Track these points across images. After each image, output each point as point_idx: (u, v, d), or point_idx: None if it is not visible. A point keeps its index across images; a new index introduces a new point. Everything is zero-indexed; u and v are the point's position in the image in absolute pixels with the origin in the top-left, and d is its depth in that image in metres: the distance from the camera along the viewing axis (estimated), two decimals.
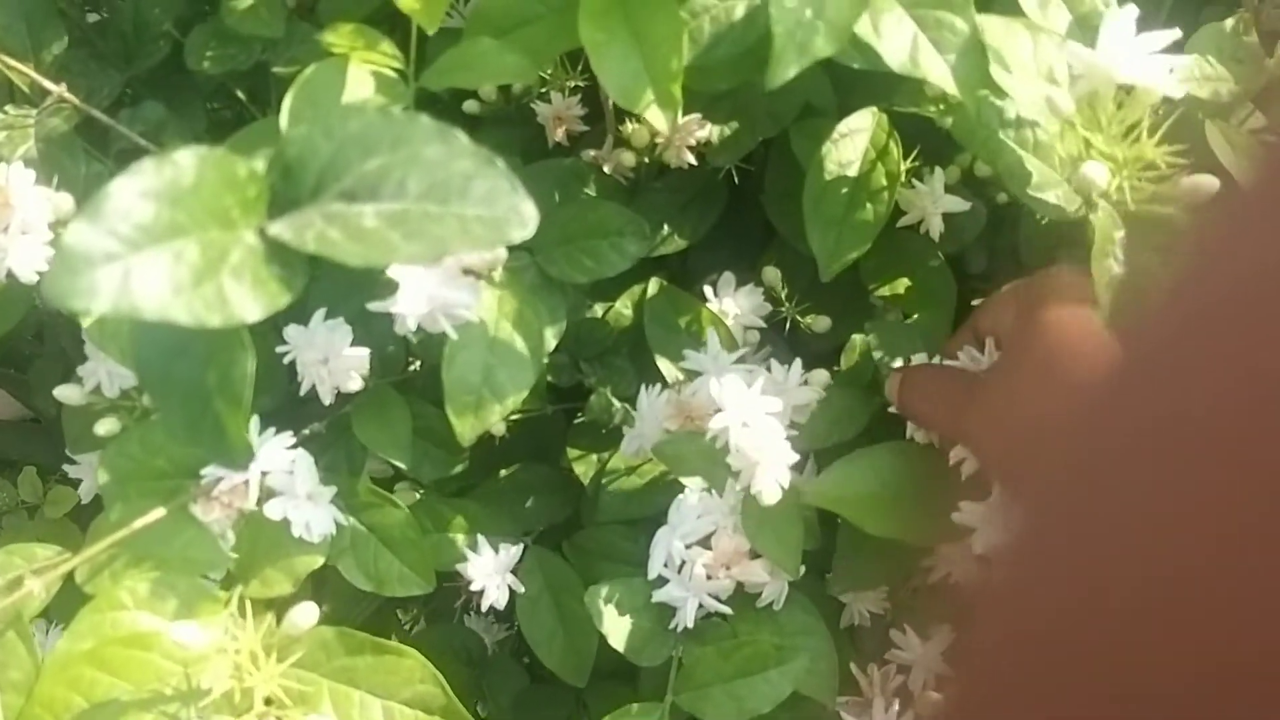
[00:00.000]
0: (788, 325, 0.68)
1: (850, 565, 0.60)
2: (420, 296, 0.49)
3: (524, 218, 0.35)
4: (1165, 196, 0.43)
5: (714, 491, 0.58)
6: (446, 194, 0.35)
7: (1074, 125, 0.44)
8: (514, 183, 0.35)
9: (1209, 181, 0.42)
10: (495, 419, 0.53)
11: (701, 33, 0.51)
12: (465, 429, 0.53)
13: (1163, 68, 0.42)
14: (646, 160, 0.64)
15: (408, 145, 0.36)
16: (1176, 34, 0.43)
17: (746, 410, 0.55)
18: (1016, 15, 0.50)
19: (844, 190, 0.60)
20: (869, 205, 0.60)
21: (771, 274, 0.67)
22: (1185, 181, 0.42)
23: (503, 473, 0.71)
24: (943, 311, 0.65)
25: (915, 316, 0.65)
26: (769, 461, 0.54)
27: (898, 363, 0.60)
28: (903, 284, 0.66)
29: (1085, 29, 0.57)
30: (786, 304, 0.68)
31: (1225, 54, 0.55)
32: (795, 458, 0.55)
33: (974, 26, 0.47)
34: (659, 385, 0.62)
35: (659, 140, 0.63)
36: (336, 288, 0.56)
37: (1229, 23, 0.56)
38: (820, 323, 0.67)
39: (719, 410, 0.55)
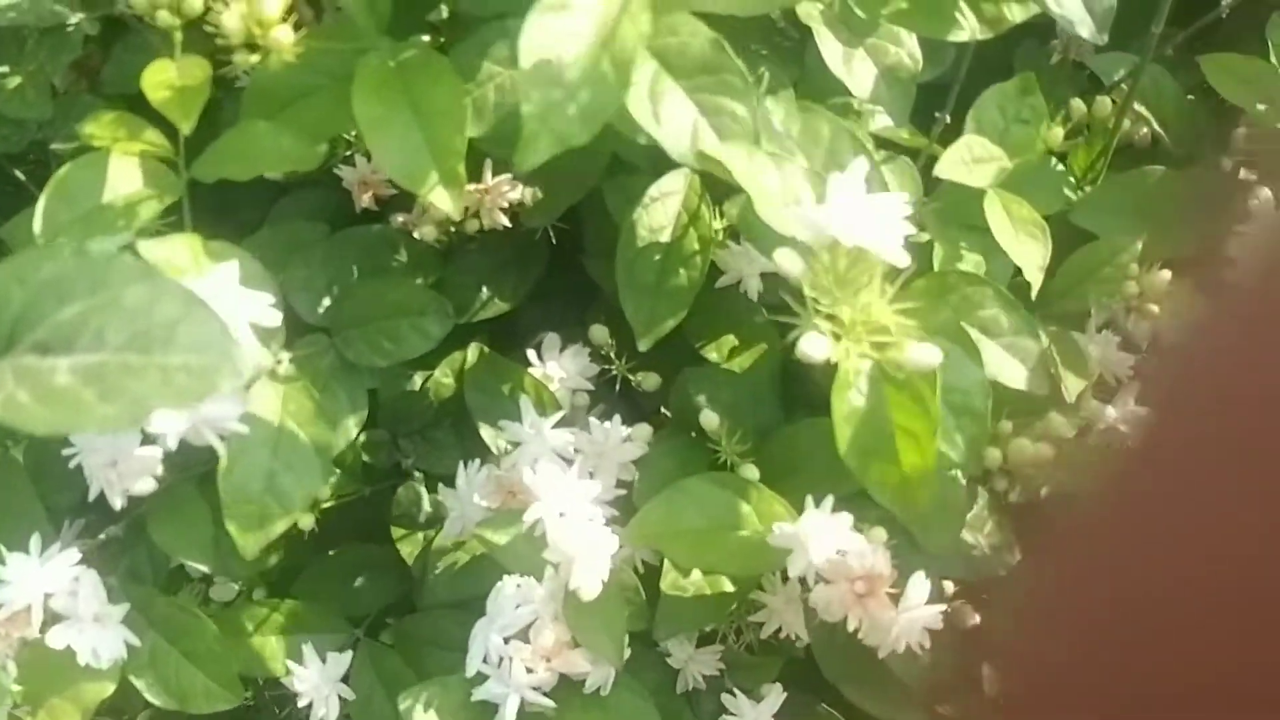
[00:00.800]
0: (619, 384, 0.66)
1: (674, 609, 0.58)
2: (179, 414, 0.45)
3: (236, 365, 0.32)
4: (893, 363, 0.41)
5: (533, 578, 0.56)
6: (149, 343, 0.32)
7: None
8: (224, 326, 0.32)
9: (931, 354, 0.40)
10: (282, 529, 0.50)
11: (486, 102, 0.48)
12: (248, 542, 0.50)
13: (893, 233, 0.40)
14: (453, 227, 0.61)
15: (107, 289, 0.32)
16: (904, 200, 0.41)
17: (563, 499, 0.53)
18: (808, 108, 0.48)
19: (656, 257, 0.58)
20: (683, 271, 0.58)
21: (599, 332, 0.65)
22: (911, 349, 0.40)
23: (330, 553, 0.67)
24: (768, 363, 0.63)
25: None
26: (587, 555, 0.52)
27: None
28: (728, 342, 0.64)
29: (891, 83, 0.56)
30: (616, 362, 0.65)
31: (1010, 117, 0.54)
32: (615, 547, 0.52)
33: (756, 117, 0.45)
34: (478, 461, 0.59)
35: (468, 206, 0.60)
36: None
37: (1013, 83, 0.54)
38: (649, 380, 0.65)
39: (535, 500, 0.53)
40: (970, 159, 0.52)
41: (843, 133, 0.51)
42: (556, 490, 0.53)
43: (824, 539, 0.49)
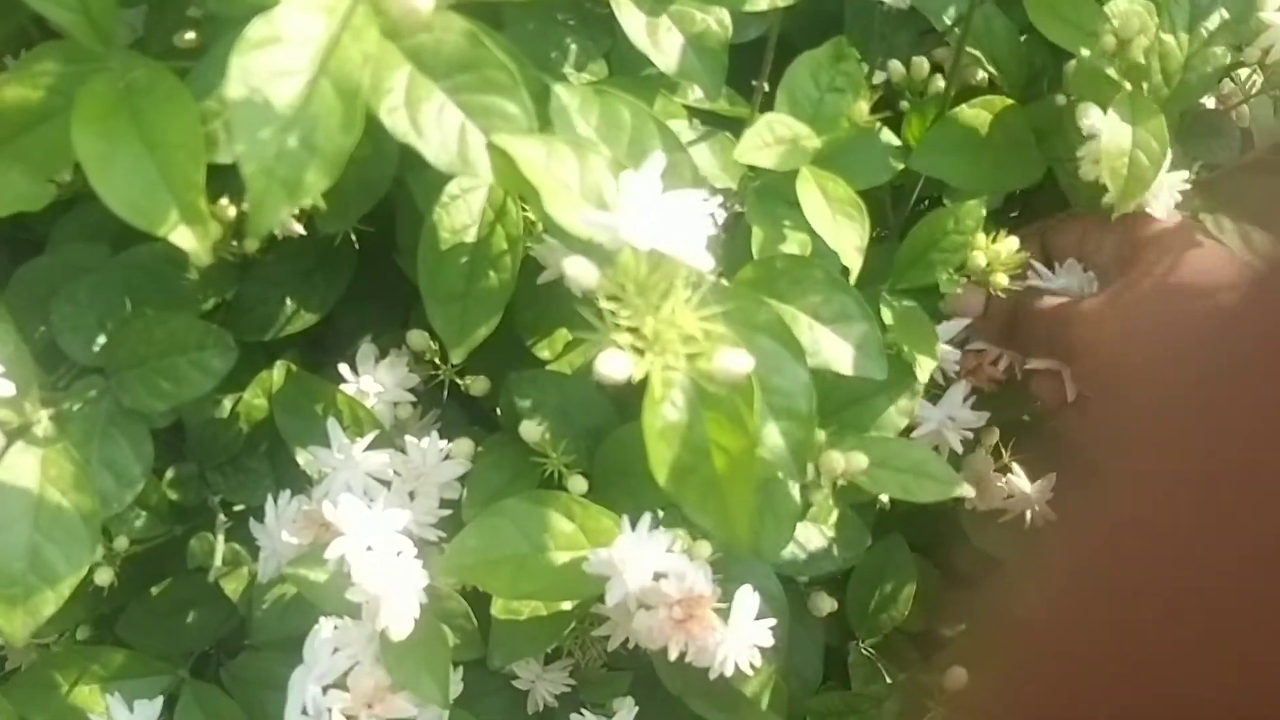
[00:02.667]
0: (446, 389, 0.62)
1: (508, 634, 0.55)
2: None
3: None
4: (703, 375, 0.37)
5: (352, 618, 0.52)
6: None
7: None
8: None
9: (742, 360, 0.36)
10: (52, 608, 0.45)
11: (218, 138, 0.43)
12: (15, 628, 0.45)
13: (694, 234, 0.36)
14: (236, 241, 0.55)
15: None
16: (704, 196, 0.37)
17: (368, 533, 0.49)
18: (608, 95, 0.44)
19: (463, 259, 0.53)
20: (493, 273, 0.53)
21: (418, 338, 0.60)
22: (719, 357, 0.37)
23: (154, 590, 0.63)
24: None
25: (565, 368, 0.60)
26: (395, 593, 0.48)
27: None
28: (562, 337, 0.61)
29: (701, 52, 0.52)
30: (442, 366, 0.61)
31: (824, 85, 0.50)
32: (424, 582, 0.49)
33: (529, 112, 0.40)
34: (288, 493, 0.55)
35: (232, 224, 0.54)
36: None
37: (825, 50, 0.50)
38: (478, 384, 0.61)
39: (338, 535, 0.49)
40: (772, 140, 0.48)
41: (645, 118, 0.46)
42: (360, 523, 0.49)
43: (640, 564, 0.46)
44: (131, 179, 0.42)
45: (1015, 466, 0.64)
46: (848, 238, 0.49)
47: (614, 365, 0.37)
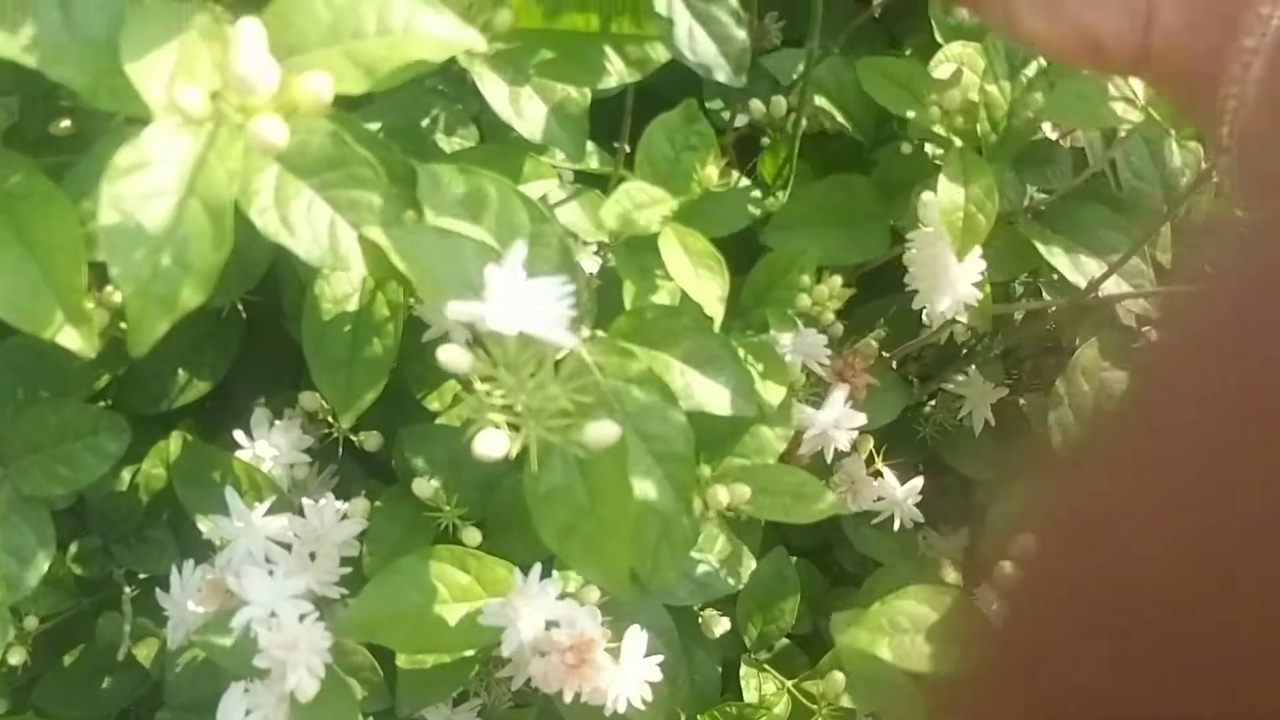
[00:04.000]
0: (341, 445, 0.64)
1: (414, 684, 0.57)
2: None
3: None
4: (576, 445, 0.40)
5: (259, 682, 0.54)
6: None
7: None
8: None
9: (609, 431, 0.39)
10: None
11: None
12: None
13: (556, 316, 0.39)
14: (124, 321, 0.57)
15: None
16: (569, 284, 0.40)
17: (271, 599, 0.51)
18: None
19: (346, 328, 0.55)
20: (376, 340, 0.55)
21: (310, 399, 0.62)
22: (590, 429, 0.40)
23: (67, 659, 0.64)
24: None
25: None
26: (300, 656, 0.50)
27: None
28: (450, 388, 0.63)
29: (562, 120, 0.55)
30: (335, 424, 0.63)
31: (679, 145, 0.53)
32: (328, 642, 0.51)
33: (395, 203, 0.43)
34: (191, 563, 0.57)
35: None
36: None
37: (677, 112, 0.53)
38: (371, 439, 0.63)
39: (242, 602, 0.51)
40: (631, 205, 0.51)
41: (510, 193, 0.49)
42: (263, 592, 0.51)
43: (532, 615, 0.49)
44: (14, 283, 0.43)
45: (886, 470, 0.68)
46: (709, 289, 0.52)
47: (492, 444, 0.39)
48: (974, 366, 0.72)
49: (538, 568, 0.50)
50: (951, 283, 0.59)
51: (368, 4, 0.38)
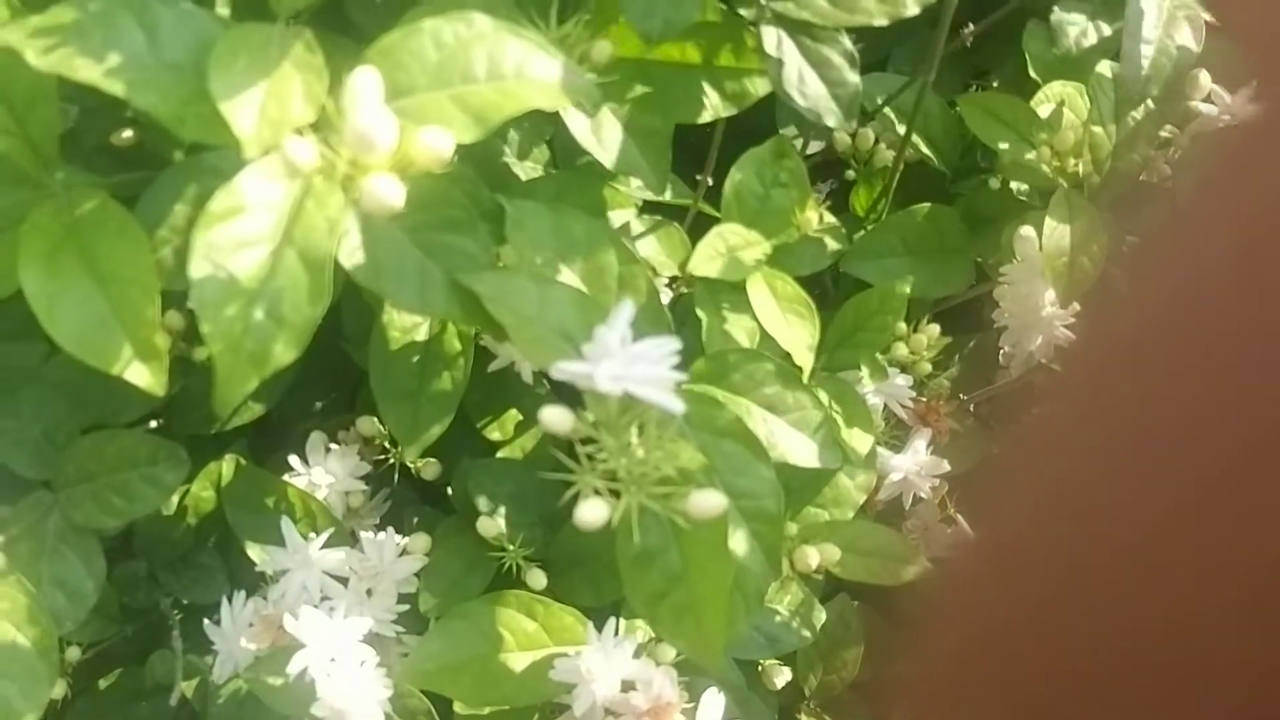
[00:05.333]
0: (398, 472, 0.62)
1: None
2: None
3: None
4: (678, 514, 0.38)
5: None
6: None
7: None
8: None
9: (715, 502, 0.37)
10: None
11: (169, 263, 0.43)
12: None
13: (663, 379, 0.37)
14: (184, 342, 0.55)
15: None
16: (675, 344, 0.37)
17: (330, 644, 0.49)
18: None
19: (415, 359, 0.53)
20: (446, 374, 0.53)
21: (367, 424, 0.60)
22: (694, 500, 0.37)
23: (103, 683, 0.62)
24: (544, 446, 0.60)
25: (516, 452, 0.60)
26: (358, 707, 0.48)
27: None
28: (512, 418, 0.61)
29: (645, 149, 0.52)
30: (393, 450, 0.61)
31: (769, 181, 0.51)
32: (388, 693, 0.49)
33: (487, 247, 0.41)
34: (243, 594, 0.55)
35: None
36: None
37: (767, 148, 0.51)
38: (430, 469, 0.61)
39: (300, 648, 0.49)
40: (725, 249, 0.49)
41: (599, 234, 0.46)
42: (322, 635, 0.49)
43: (607, 674, 0.47)
44: (82, 317, 0.41)
45: (959, 517, 0.66)
46: (799, 337, 0.50)
47: (594, 513, 0.37)
48: None
49: (613, 622, 0.48)
50: (1045, 322, 0.57)
51: (478, 46, 0.36)
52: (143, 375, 0.42)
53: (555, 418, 0.38)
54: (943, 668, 0.22)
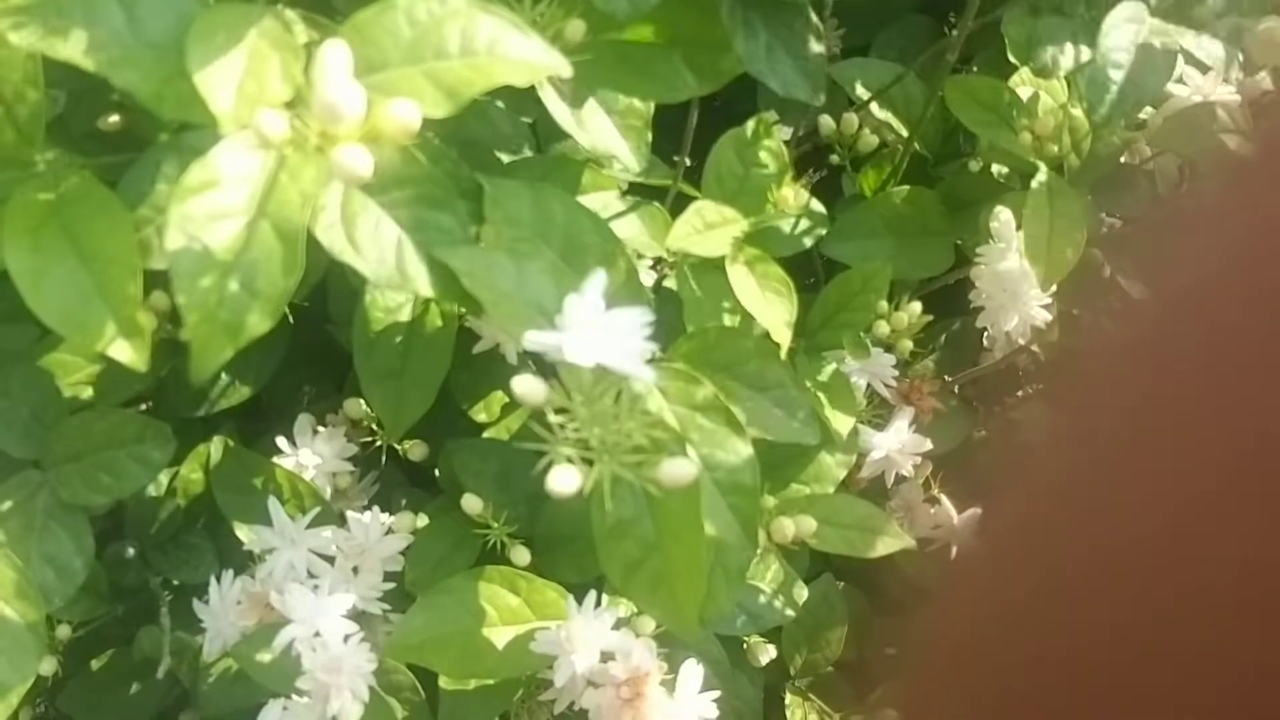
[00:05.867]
0: (385, 454, 0.62)
1: (456, 705, 0.55)
2: None
3: None
4: (650, 482, 0.38)
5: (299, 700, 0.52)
6: None
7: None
8: None
9: (687, 469, 0.38)
10: (1, 717, 0.46)
11: (153, 242, 0.43)
12: None
13: (634, 350, 0.37)
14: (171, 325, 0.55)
15: None
16: (648, 315, 0.38)
17: (316, 619, 0.50)
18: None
19: (398, 339, 0.54)
20: (429, 355, 0.54)
21: (354, 407, 0.61)
22: (666, 466, 0.38)
23: (95, 664, 0.63)
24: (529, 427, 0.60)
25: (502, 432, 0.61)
26: (345, 679, 0.49)
27: None
28: (498, 400, 0.61)
29: (625, 131, 0.53)
30: (379, 432, 0.62)
31: (749, 161, 0.51)
32: (373, 665, 0.50)
33: (465, 224, 0.41)
34: (230, 573, 0.55)
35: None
36: None
37: (748, 126, 0.51)
38: (416, 450, 0.62)
39: (285, 621, 0.50)
40: (702, 226, 0.49)
41: (577, 213, 0.47)
42: (308, 610, 0.50)
43: (587, 645, 0.47)
44: (66, 294, 0.42)
45: (943, 498, 0.67)
46: (777, 314, 0.50)
47: (565, 480, 0.38)
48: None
49: (593, 595, 0.49)
50: (1020, 302, 0.57)
51: (451, 23, 0.36)
52: (125, 352, 0.42)
53: (528, 387, 0.38)
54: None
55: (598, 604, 0.49)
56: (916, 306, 0.57)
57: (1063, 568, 0.19)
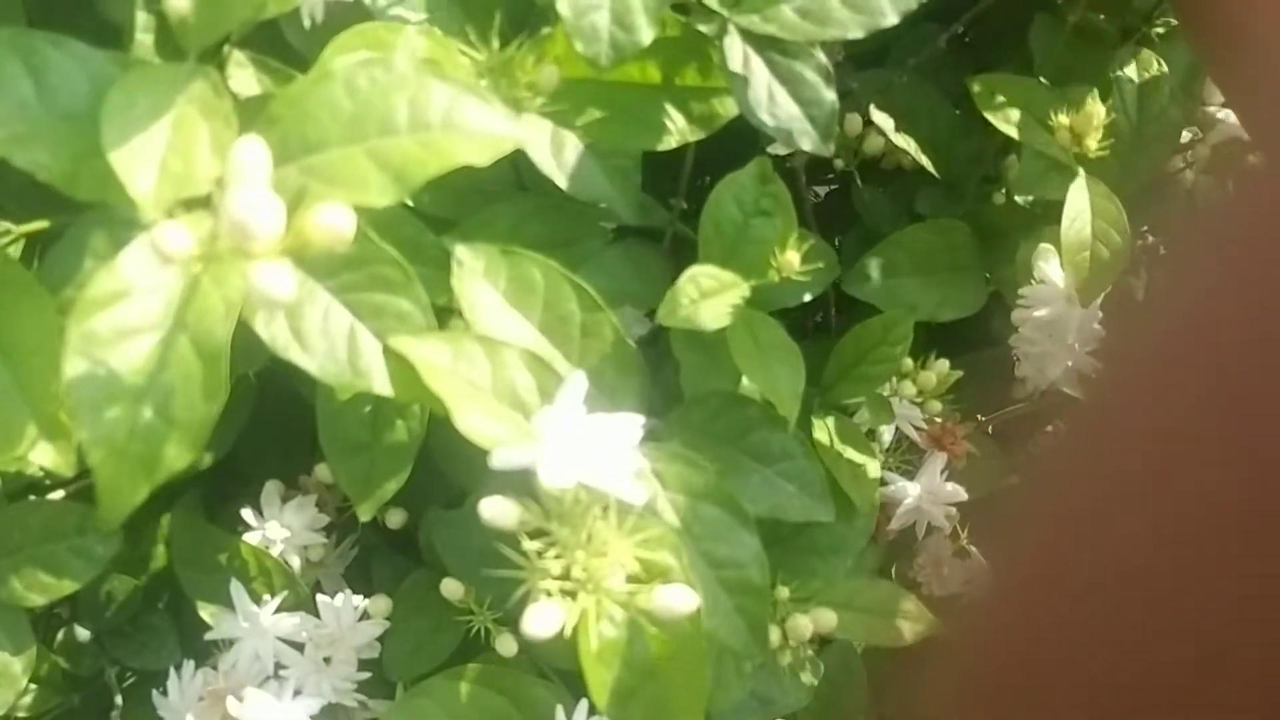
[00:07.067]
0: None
1: None
2: None
3: None
4: (644, 614, 0.34)
5: None
6: None
7: None
8: None
9: (686, 599, 0.33)
10: None
11: None
12: None
13: (623, 465, 0.32)
14: None
15: None
16: (638, 420, 0.33)
17: None
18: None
19: (366, 408, 0.49)
20: (400, 423, 0.49)
21: (325, 471, 0.56)
22: (660, 596, 0.33)
23: None
24: None
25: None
26: None
27: None
28: (482, 462, 0.56)
29: (611, 174, 0.48)
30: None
31: (750, 210, 0.46)
32: None
33: (426, 309, 0.36)
34: (191, 664, 0.51)
35: None
36: None
37: (748, 171, 0.46)
38: (395, 517, 0.57)
39: None
40: (699, 295, 0.44)
41: (558, 280, 0.42)
42: (269, 717, 0.45)
43: None
44: None
45: (974, 550, 0.62)
46: (784, 385, 0.45)
47: (544, 621, 0.33)
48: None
49: (584, 705, 0.44)
50: (1070, 349, 0.52)
51: (398, 92, 0.31)
52: (48, 455, 0.38)
53: (497, 511, 0.34)
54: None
55: (591, 712, 0.44)
56: (944, 364, 0.52)
57: (1088, 611, 0.18)
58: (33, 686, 0.52)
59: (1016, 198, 0.55)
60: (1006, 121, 0.52)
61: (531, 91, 0.40)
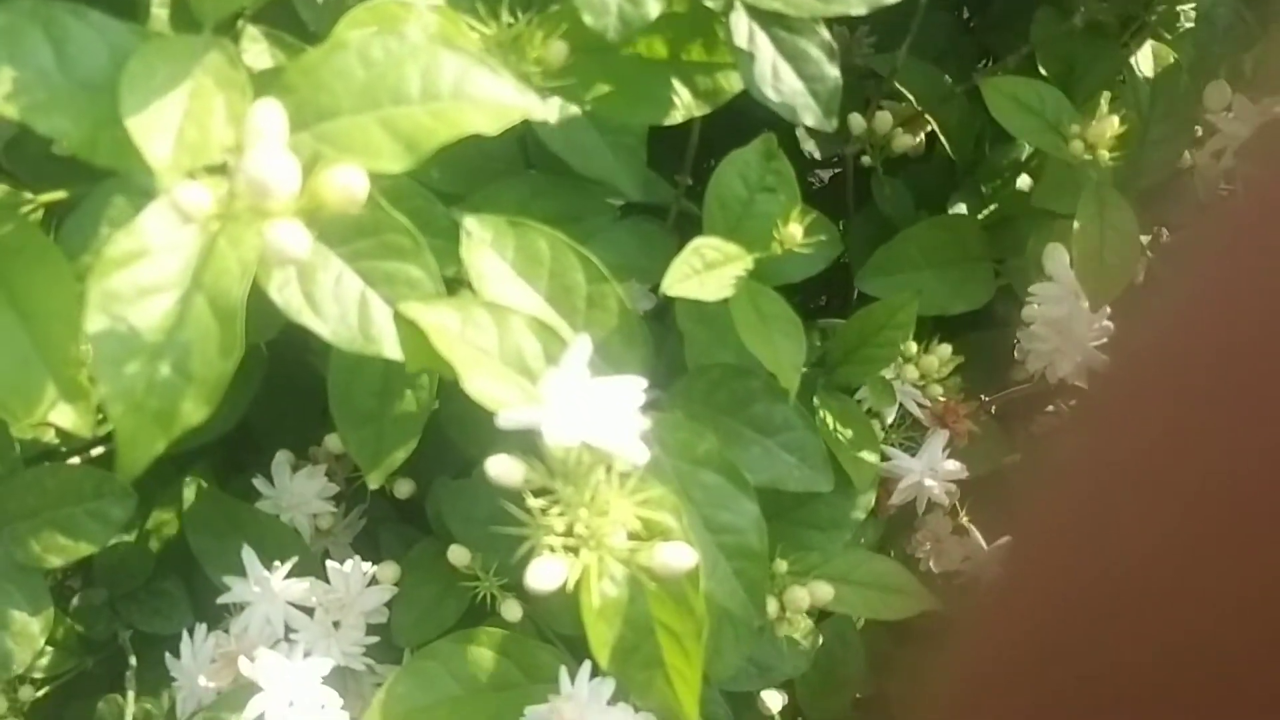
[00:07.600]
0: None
1: None
2: None
3: None
4: (643, 571, 0.34)
5: None
6: None
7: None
8: None
9: (684, 555, 0.34)
10: None
11: None
12: None
13: (627, 426, 0.33)
14: None
15: None
16: (641, 383, 0.34)
17: (289, 687, 0.46)
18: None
19: (376, 379, 0.50)
20: (409, 394, 0.50)
21: (336, 441, 0.57)
22: (660, 553, 0.34)
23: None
24: None
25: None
26: None
27: None
28: (491, 432, 0.57)
29: (617, 151, 0.49)
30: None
31: (754, 185, 0.47)
32: None
33: (435, 276, 0.37)
34: (204, 628, 0.52)
35: None
36: None
37: (753, 148, 0.47)
38: (403, 487, 0.58)
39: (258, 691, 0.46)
40: (702, 265, 0.45)
41: (564, 249, 0.43)
42: (281, 677, 0.46)
43: None
44: (3, 355, 0.38)
45: (972, 528, 0.63)
46: (785, 357, 0.46)
47: (546, 575, 0.34)
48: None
49: (587, 667, 0.45)
50: (1078, 345, 0.53)
51: (411, 62, 0.32)
52: (68, 416, 0.39)
53: (504, 469, 0.34)
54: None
55: (594, 673, 0.45)
56: (946, 349, 0.53)
57: (1094, 595, 0.18)
58: (49, 649, 0.53)
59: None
60: (1020, 128, 0.53)
61: (540, 67, 0.41)
